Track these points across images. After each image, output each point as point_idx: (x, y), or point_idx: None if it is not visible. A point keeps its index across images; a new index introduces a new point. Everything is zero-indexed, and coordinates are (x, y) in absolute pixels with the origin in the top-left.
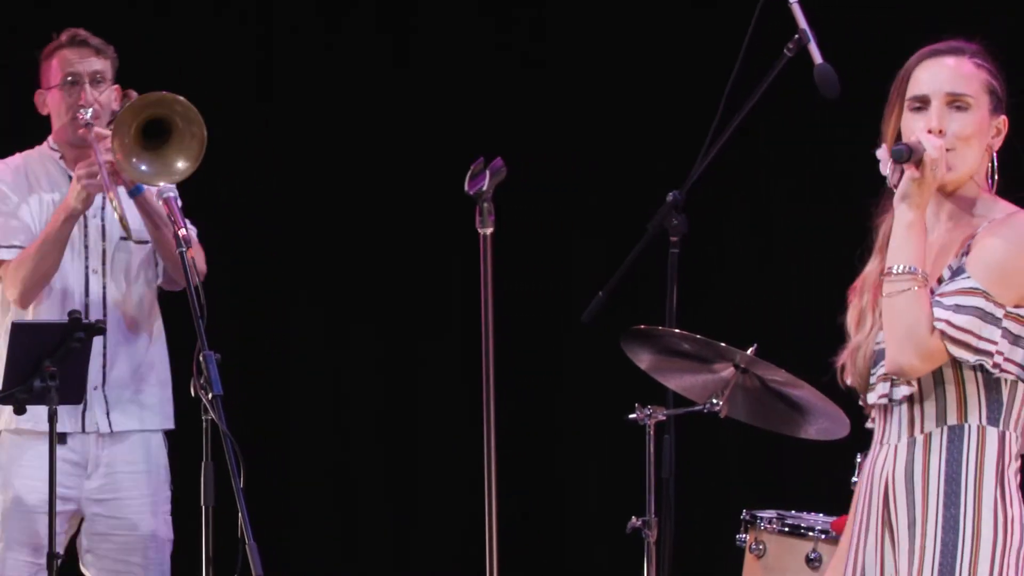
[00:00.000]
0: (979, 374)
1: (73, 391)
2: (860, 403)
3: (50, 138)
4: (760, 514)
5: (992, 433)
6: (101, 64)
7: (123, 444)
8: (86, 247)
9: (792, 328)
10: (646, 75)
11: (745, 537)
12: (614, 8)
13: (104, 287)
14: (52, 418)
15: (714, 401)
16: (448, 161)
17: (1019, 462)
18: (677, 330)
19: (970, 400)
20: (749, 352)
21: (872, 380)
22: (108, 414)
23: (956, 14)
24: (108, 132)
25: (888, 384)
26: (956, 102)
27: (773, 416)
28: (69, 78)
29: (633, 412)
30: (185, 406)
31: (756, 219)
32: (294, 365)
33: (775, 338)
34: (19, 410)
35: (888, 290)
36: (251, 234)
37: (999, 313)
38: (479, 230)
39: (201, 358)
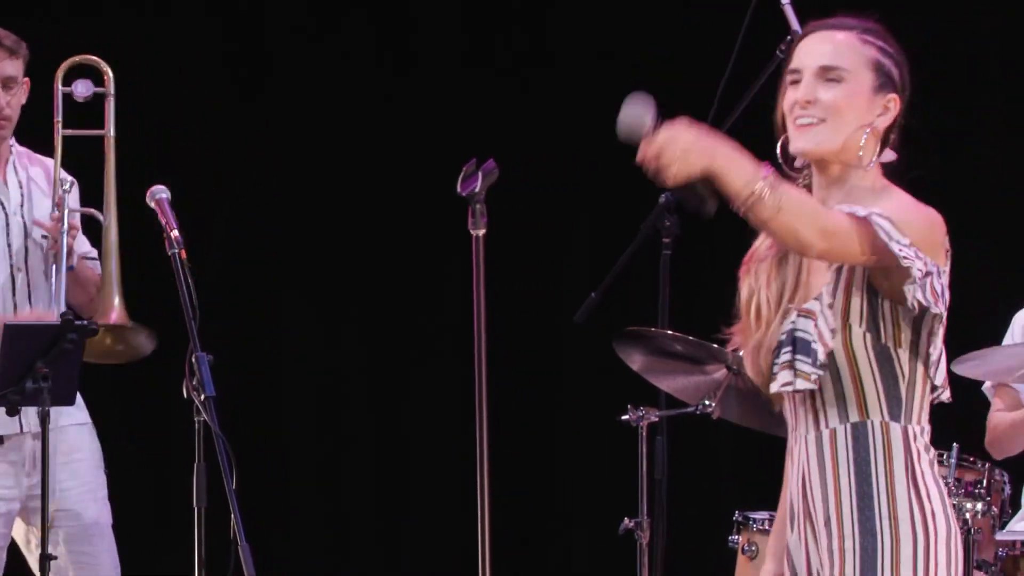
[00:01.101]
0: (873, 365)
1: (65, 392)
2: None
3: None
4: (752, 515)
5: (896, 429)
6: (13, 68)
7: (56, 438)
8: (9, 245)
9: None
10: (639, 76)
11: (737, 538)
12: (606, 9)
13: (28, 284)
14: (44, 420)
15: (706, 402)
16: (440, 162)
17: (931, 453)
18: (669, 331)
19: (869, 395)
20: (741, 353)
21: (775, 369)
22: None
23: (951, 15)
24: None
25: (791, 372)
26: (828, 74)
27: (765, 417)
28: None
29: (626, 413)
30: (177, 407)
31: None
32: (287, 366)
33: None
34: (11, 411)
35: (765, 215)
36: (244, 235)
37: (906, 240)
38: (472, 231)
39: (193, 359)
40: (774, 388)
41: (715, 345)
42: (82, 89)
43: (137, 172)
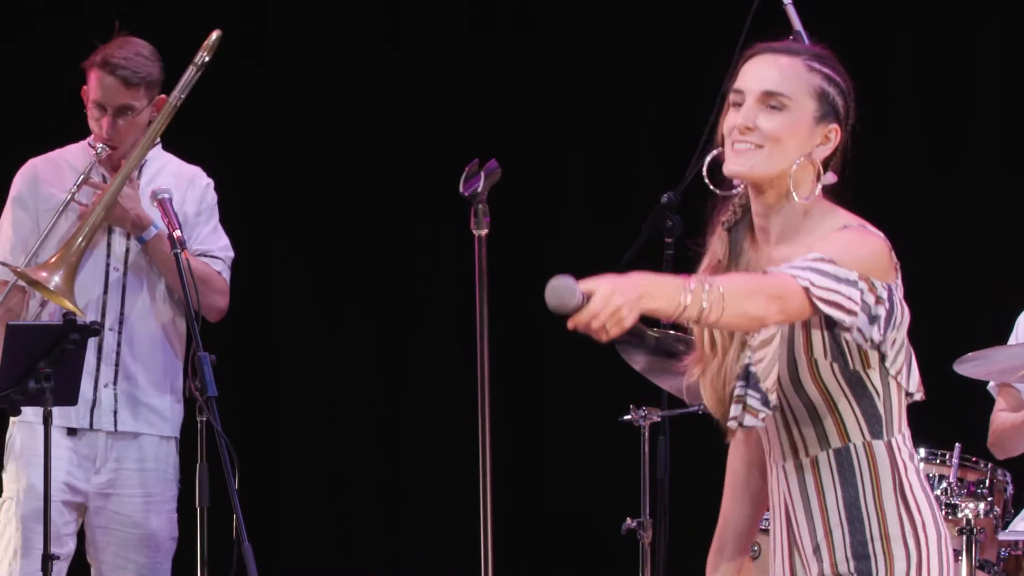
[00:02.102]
0: (843, 386)
1: (67, 393)
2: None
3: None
4: None
5: (879, 446)
6: (128, 97)
7: (131, 442)
8: (108, 244)
9: None
10: (641, 76)
11: None
12: (608, 9)
13: (124, 288)
14: (47, 420)
15: None
16: (442, 162)
17: (915, 459)
18: (671, 331)
19: (847, 420)
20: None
21: (730, 401)
22: (116, 413)
23: (949, 15)
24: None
25: (740, 407)
26: (771, 101)
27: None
28: (97, 103)
29: (628, 413)
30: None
31: None
32: (288, 367)
33: None
34: (14, 411)
35: (713, 317)
36: (245, 235)
37: (853, 276)
38: (474, 231)
39: (196, 359)
40: (728, 423)
41: None
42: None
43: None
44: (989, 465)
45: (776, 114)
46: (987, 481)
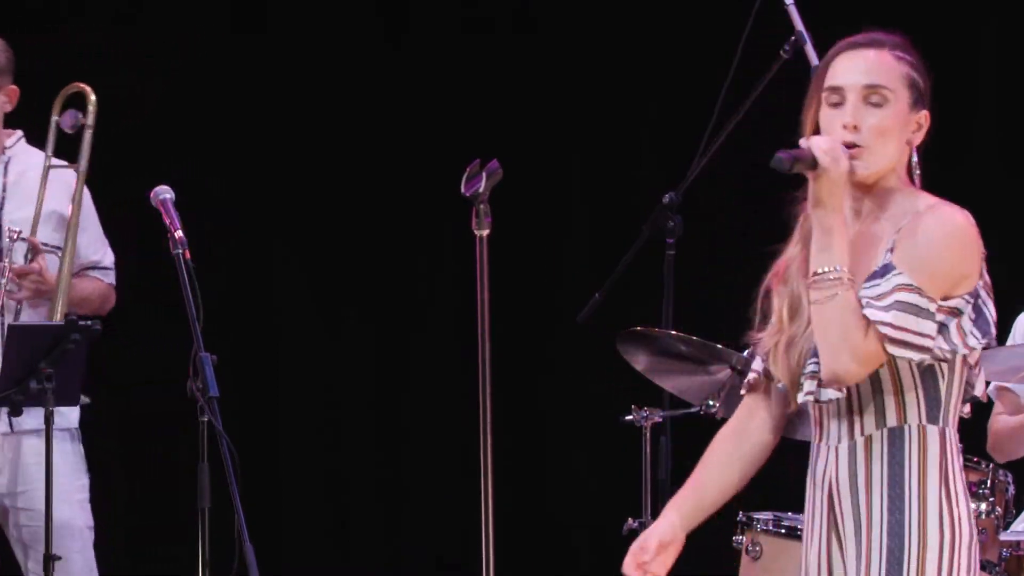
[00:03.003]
0: (915, 371)
1: (68, 392)
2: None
3: None
4: (756, 516)
5: (933, 431)
6: None
7: (28, 440)
8: None
9: None
10: (642, 77)
11: (741, 539)
12: (609, 9)
13: (8, 259)
14: (48, 420)
15: (710, 403)
16: (443, 162)
17: (960, 459)
18: (673, 331)
19: (908, 400)
20: (745, 354)
21: (801, 378)
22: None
23: (949, 14)
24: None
25: (815, 383)
26: (873, 95)
27: None
28: None
29: (629, 414)
30: (181, 408)
31: (752, 221)
32: (289, 367)
33: None
34: (16, 411)
35: (815, 296)
36: (245, 235)
37: (932, 308)
38: (475, 232)
39: (197, 360)
40: (799, 397)
41: (719, 345)
42: (69, 120)
43: (133, 168)
44: (990, 466)
45: (878, 109)
46: (988, 482)
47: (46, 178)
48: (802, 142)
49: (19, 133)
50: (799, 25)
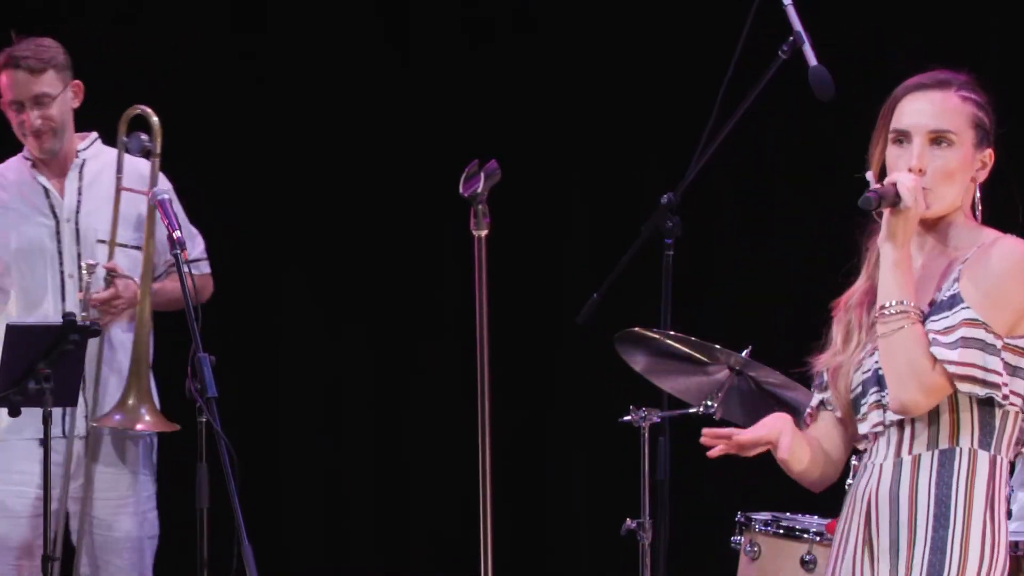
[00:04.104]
0: (973, 400)
1: (67, 393)
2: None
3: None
4: (755, 516)
5: (984, 457)
6: (41, 85)
7: (100, 445)
8: (60, 252)
9: (786, 330)
10: (640, 77)
11: (740, 539)
12: (608, 9)
13: (86, 290)
14: (47, 420)
15: (709, 403)
16: (443, 163)
17: (1007, 490)
18: (672, 332)
19: (963, 424)
20: (744, 354)
21: (863, 409)
22: (87, 417)
23: (950, 17)
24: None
25: (881, 412)
26: (939, 139)
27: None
28: (13, 102)
29: (628, 414)
30: (180, 408)
31: (750, 221)
32: (288, 367)
33: (769, 340)
34: (13, 412)
35: (883, 329)
36: (245, 235)
37: (998, 344)
38: (474, 232)
39: (196, 360)
40: (863, 429)
41: (717, 346)
42: (135, 144)
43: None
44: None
45: (944, 151)
46: None
47: (118, 200)
48: (887, 180)
49: (94, 135)
50: (797, 25)
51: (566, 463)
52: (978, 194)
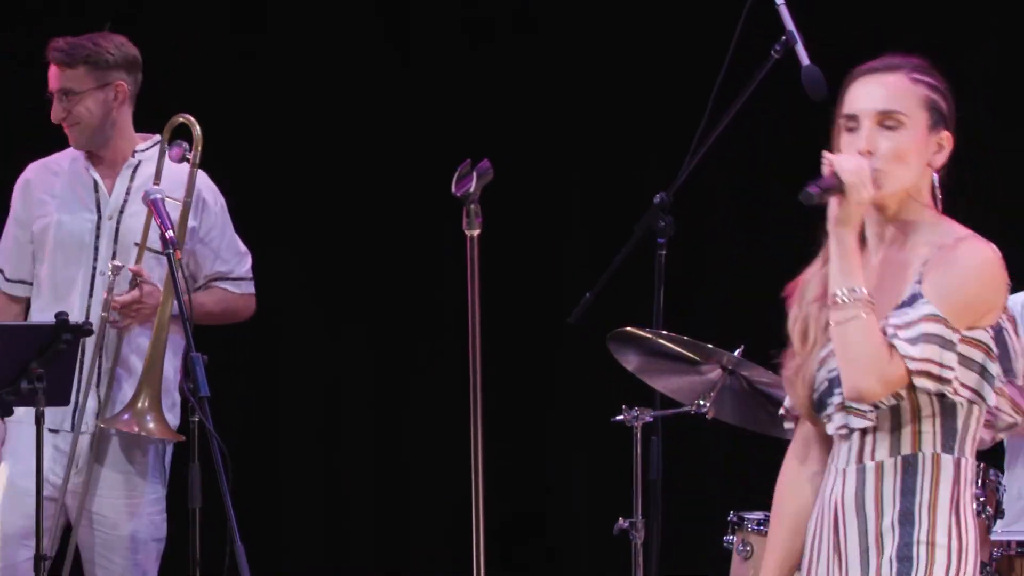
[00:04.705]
0: (935, 401)
1: (60, 393)
2: (785, 416)
3: None
4: (747, 515)
5: (947, 460)
6: (68, 79)
7: (109, 443)
8: (96, 248)
9: (779, 330)
10: (633, 77)
11: (732, 538)
12: (601, 9)
13: (109, 290)
14: (39, 420)
15: (701, 402)
16: (441, 163)
17: (972, 489)
18: (664, 331)
19: (925, 429)
20: (736, 354)
21: (829, 409)
22: (97, 415)
23: (950, 16)
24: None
25: (845, 415)
26: (887, 120)
27: (760, 417)
28: (50, 93)
29: (620, 414)
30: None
31: (743, 221)
32: (283, 366)
33: (762, 340)
34: (5, 411)
35: (836, 318)
36: (244, 235)
37: (955, 338)
38: (466, 232)
39: (188, 360)
40: (828, 430)
41: (709, 345)
42: (176, 153)
43: None
44: (981, 465)
45: (894, 133)
46: (979, 481)
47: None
48: (824, 166)
49: (156, 137)
50: (790, 25)
51: (559, 462)
52: (935, 181)
